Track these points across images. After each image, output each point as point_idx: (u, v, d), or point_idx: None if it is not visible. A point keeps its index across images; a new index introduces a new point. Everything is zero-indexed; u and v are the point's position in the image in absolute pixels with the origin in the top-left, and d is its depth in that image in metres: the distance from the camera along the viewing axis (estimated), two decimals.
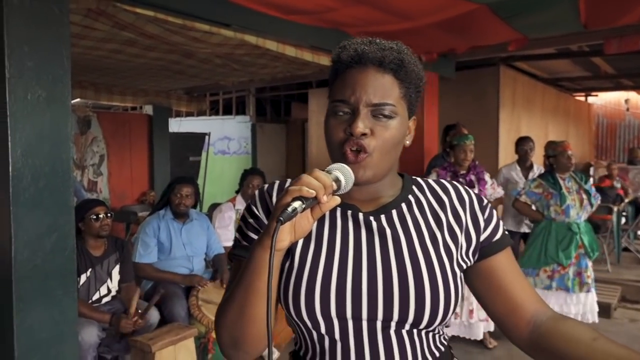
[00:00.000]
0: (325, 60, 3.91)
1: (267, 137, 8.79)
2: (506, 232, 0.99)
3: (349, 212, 0.92)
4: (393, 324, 0.86)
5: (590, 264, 3.76)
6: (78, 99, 7.15)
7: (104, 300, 2.91)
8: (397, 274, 0.86)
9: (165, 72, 5.22)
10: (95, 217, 2.84)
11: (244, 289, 0.82)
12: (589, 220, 4.46)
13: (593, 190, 3.90)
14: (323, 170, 0.80)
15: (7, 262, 2.02)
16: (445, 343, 0.96)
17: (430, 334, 0.91)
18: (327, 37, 3.66)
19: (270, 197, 0.96)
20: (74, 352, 2.23)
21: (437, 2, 3.05)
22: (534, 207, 3.89)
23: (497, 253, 0.94)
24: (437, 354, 0.92)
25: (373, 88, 0.87)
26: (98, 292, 2.87)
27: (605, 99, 10.44)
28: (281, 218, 0.72)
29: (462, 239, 0.93)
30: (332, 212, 0.92)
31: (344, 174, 0.81)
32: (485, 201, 0.99)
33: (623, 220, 6.74)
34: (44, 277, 2.11)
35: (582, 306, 3.75)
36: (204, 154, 8.23)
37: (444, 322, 0.89)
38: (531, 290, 0.95)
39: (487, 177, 3.81)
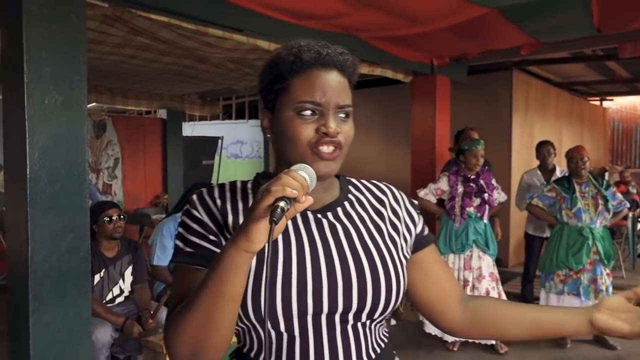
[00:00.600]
0: None
1: None
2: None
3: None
4: (350, 316, 0.89)
5: (606, 271, 3.70)
6: (94, 103, 7.28)
7: (117, 300, 2.95)
8: (354, 266, 0.89)
9: (179, 76, 5.29)
10: (108, 219, 2.89)
11: (212, 295, 0.78)
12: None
13: (619, 197, 3.83)
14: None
15: (23, 262, 2.07)
16: (387, 334, 1.01)
17: (378, 326, 0.95)
18: (340, 42, 3.62)
19: (213, 200, 0.93)
20: (88, 352, 2.27)
21: (449, 6, 3.06)
22: (548, 211, 3.89)
23: (428, 246, 1.04)
24: (383, 345, 0.96)
25: (338, 90, 0.90)
26: (111, 293, 2.92)
27: (620, 104, 10.33)
28: (274, 219, 0.71)
29: (403, 231, 1.00)
30: None
31: (309, 174, 0.81)
32: (415, 201, 1.08)
33: (639, 226, 6.66)
34: (59, 277, 2.15)
35: None
36: (216, 158, 8.30)
37: (394, 309, 0.94)
38: (454, 278, 1.11)
39: (493, 181, 3.83)
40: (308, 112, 0.88)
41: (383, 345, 0.96)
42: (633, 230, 6.21)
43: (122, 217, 2.98)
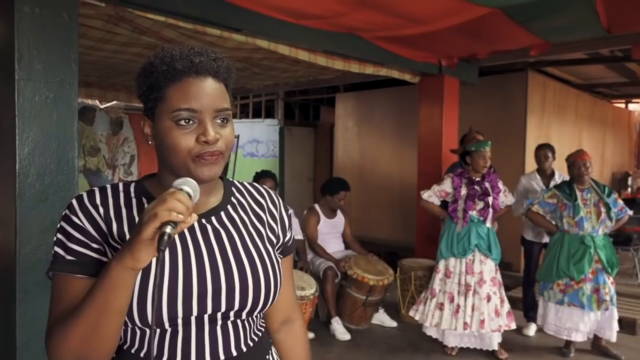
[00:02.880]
0: (340, 65, 3.94)
1: (295, 141, 8.85)
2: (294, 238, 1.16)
3: None
4: (231, 314, 0.94)
5: (609, 280, 3.58)
6: (114, 102, 7.45)
7: None
8: (236, 270, 0.94)
9: None
10: None
11: (98, 309, 0.80)
12: (621, 232, 4.24)
13: (620, 203, 3.70)
14: (171, 189, 0.82)
15: (11, 254, 2.13)
16: (263, 325, 1.08)
17: (257, 319, 1.02)
18: (341, 41, 3.68)
19: (96, 208, 0.92)
20: None
21: (447, 6, 3.02)
22: (549, 218, 3.79)
23: (289, 255, 1.12)
24: (260, 335, 1.03)
25: (214, 96, 0.91)
26: None
27: None
28: (162, 248, 0.74)
29: (279, 233, 1.07)
30: None
31: (192, 188, 0.83)
32: (289, 209, 1.15)
33: None
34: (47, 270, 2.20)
35: (598, 323, 3.61)
36: (232, 156, 8.38)
37: (272, 304, 1.00)
38: (293, 296, 1.17)
39: (500, 184, 3.74)
40: (185, 121, 0.88)
41: (260, 334, 1.03)
42: None
43: None
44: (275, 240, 1.05)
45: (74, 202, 0.93)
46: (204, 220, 0.96)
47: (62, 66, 2.24)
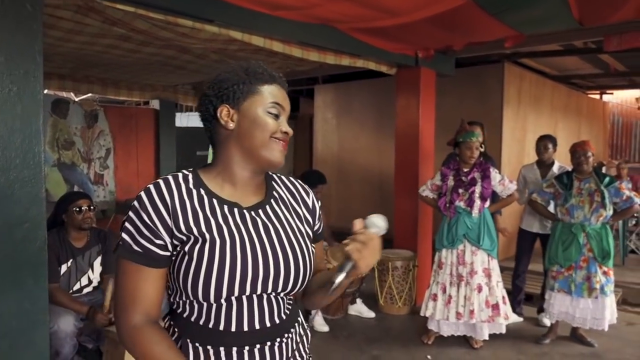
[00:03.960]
0: (315, 56, 3.91)
1: None
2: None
3: (235, 210, 1.13)
4: (273, 292, 1.13)
5: (602, 269, 3.60)
6: (89, 94, 7.30)
7: (85, 290, 2.97)
8: (282, 258, 1.12)
9: (166, 67, 5.28)
10: (77, 209, 2.90)
11: None
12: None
13: (624, 193, 3.63)
14: (363, 220, 1.16)
15: None
16: (292, 301, 1.25)
17: (289, 296, 1.20)
18: (317, 33, 3.65)
19: (163, 201, 1.08)
20: (45, 340, 2.28)
21: None
22: (550, 208, 3.90)
23: (320, 240, 1.31)
24: (291, 307, 1.22)
25: (288, 103, 1.19)
26: (79, 283, 2.94)
27: (621, 97, 10.20)
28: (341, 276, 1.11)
29: (313, 224, 1.27)
30: (222, 211, 1.11)
31: (384, 222, 1.16)
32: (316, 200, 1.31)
33: (633, 221, 6.59)
34: (14, 267, 2.16)
35: (590, 312, 3.66)
36: (210, 149, 8.30)
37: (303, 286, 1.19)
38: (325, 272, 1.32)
39: (494, 173, 3.70)
40: (274, 112, 1.13)
41: (291, 307, 1.22)
42: (624, 226, 6.15)
43: (91, 207, 2.99)
44: (310, 232, 1.24)
45: (144, 196, 1.07)
46: (253, 213, 1.14)
47: (26, 58, 2.18)
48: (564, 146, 4.37)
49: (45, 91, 6.61)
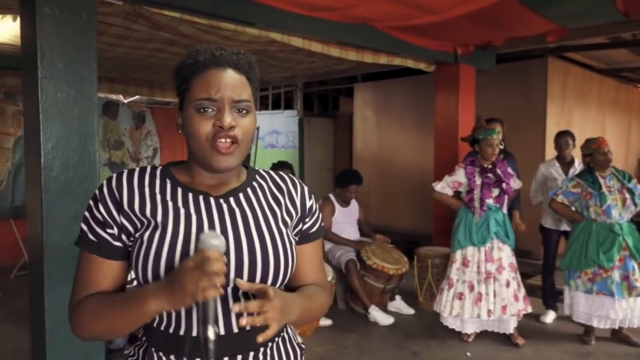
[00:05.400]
0: (353, 56, 3.97)
1: (314, 131, 8.91)
2: (322, 225, 1.18)
3: (201, 197, 1.02)
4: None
5: (637, 266, 3.53)
6: (137, 96, 7.62)
7: (135, 283, 3.13)
8: (246, 246, 0.99)
9: None
10: None
11: (120, 317, 0.94)
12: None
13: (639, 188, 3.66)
14: (196, 242, 0.93)
15: (39, 244, 2.26)
16: None
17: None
18: (355, 32, 3.71)
19: (120, 188, 1.00)
20: None
21: None
22: (573, 208, 3.76)
23: (311, 242, 1.14)
24: None
25: (233, 87, 0.98)
26: (129, 275, 3.10)
27: None
28: (213, 325, 0.86)
29: (295, 216, 1.10)
30: (185, 197, 1.01)
31: (220, 240, 0.90)
32: (312, 197, 1.17)
33: None
34: (73, 259, 2.31)
35: (631, 311, 3.57)
36: (253, 148, 8.49)
37: (284, 282, 1.05)
38: (320, 282, 1.17)
39: (510, 170, 3.74)
40: (205, 109, 0.96)
41: None
42: None
43: None
44: (289, 221, 1.08)
45: (104, 183, 1.02)
46: (222, 200, 1.02)
47: (82, 64, 2.35)
48: (614, 142, 4.21)
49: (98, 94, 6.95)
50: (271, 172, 1.15)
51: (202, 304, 0.85)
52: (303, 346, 1.17)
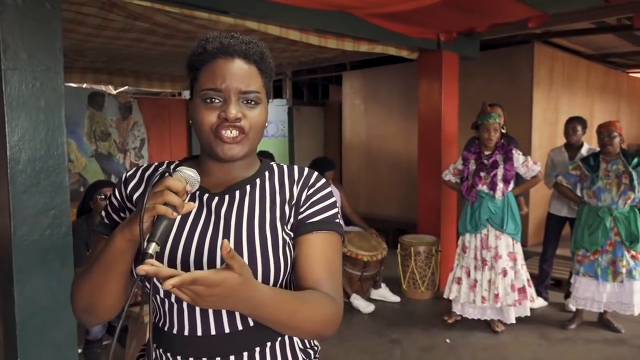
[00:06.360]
0: (333, 43, 3.93)
1: (304, 120, 8.87)
2: (334, 217, 1.03)
3: (197, 194, 1.01)
4: None
5: (630, 253, 3.51)
6: (126, 87, 7.56)
7: None
8: (236, 243, 0.95)
9: None
10: (102, 196, 3.05)
11: (102, 269, 0.92)
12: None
13: None
14: (174, 173, 0.89)
15: (7, 237, 2.24)
16: None
17: None
18: (333, 20, 3.67)
19: (132, 179, 1.06)
20: (72, 319, 2.44)
21: None
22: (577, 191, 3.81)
23: (311, 232, 1.00)
24: None
25: (241, 77, 0.95)
26: None
27: None
28: (157, 241, 0.83)
29: (292, 210, 1.01)
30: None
31: (189, 178, 0.89)
32: (328, 188, 1.06)
33: None
34: (42, 251, 2.31)
35: (616, 295, 3.60)
36: None
37: (278, 283, 0.97)
38: (324, 280, 0.98)
39: (517, 155, 3.63)
40: (211, 99, 0.94)
41: None
42: None
43: None
44: (287, 217, 1.01)
45: (123, 175, 1.08)
46: (218, 198, 1.00)
47: (48, 55, 2.31)
48: None
49: (84, 85, 6.89)
50: (285, 167, 1.08)
51: (155, 220, 0.84)
52: (311, 352, 1.08)
